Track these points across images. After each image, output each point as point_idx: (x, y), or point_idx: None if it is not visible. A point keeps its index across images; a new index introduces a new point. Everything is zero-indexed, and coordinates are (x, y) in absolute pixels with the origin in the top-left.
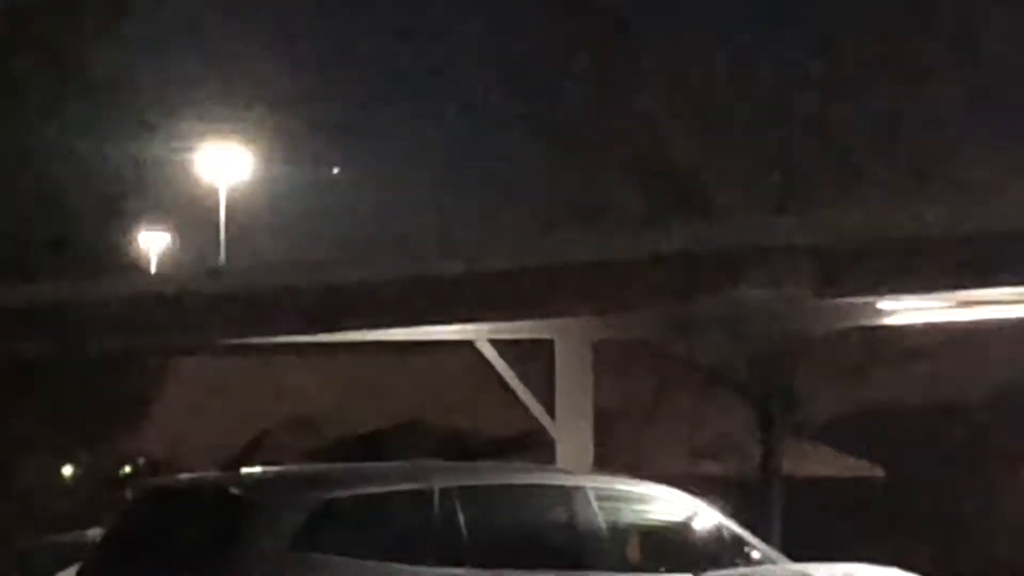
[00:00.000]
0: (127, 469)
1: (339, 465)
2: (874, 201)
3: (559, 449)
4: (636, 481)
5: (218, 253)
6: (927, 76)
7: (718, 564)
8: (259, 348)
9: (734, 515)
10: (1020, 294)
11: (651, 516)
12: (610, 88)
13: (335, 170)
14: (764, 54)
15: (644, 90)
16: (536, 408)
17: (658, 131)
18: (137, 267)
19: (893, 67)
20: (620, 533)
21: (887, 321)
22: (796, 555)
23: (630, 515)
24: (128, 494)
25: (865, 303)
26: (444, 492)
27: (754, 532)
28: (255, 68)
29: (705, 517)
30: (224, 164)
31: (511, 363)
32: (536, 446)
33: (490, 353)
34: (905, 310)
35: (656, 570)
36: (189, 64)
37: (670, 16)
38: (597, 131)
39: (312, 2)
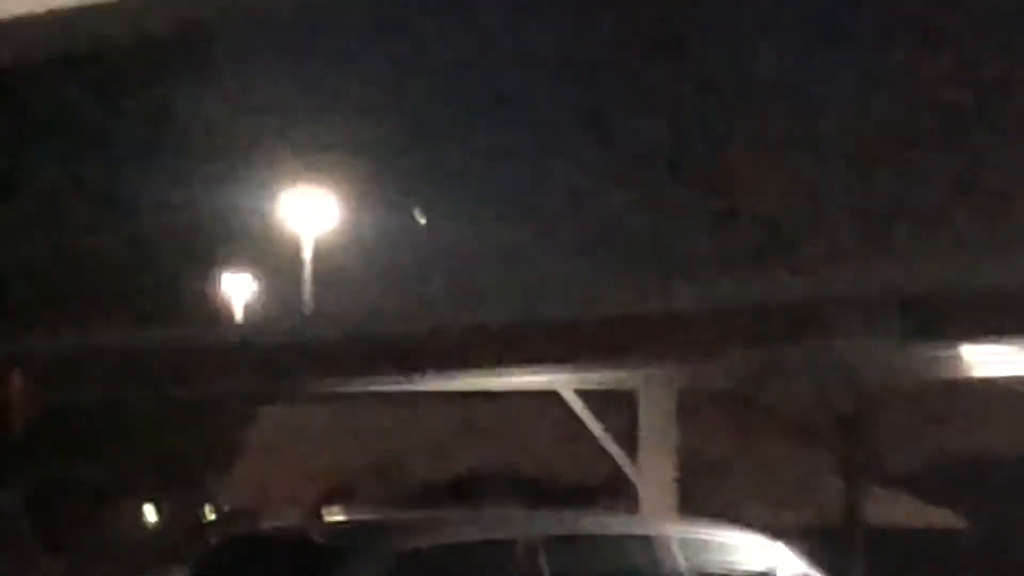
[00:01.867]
0: (210, 515)
1: (422, 514)
2: (958, 250)
3: (642, 498)
4: (720, 529)
5: (302, 300)
6: (1013, 124)
7: None
8: (343, 396)
9: (817, 564)
10: None
11: (735, 564)
12: (693, 137)
13: (421, 218)
14: (845, 102)
15: (727, 139)
16: (619, 457)
17: (742, 180)
18: (222, 314)
19: (976, 115)
20: None
21: (972, 371)
22: None
23: (714, 563)
24: (211, 541)
25: (949, 352)
26: (528, 541)
27: None
28: (342, 114)
29: (789, 565)
30: (309, 210)
31: (595, 412)
32: (619, 495)
33: (574, 402)
34: (989, 360)
35: None
36: (276, 110)
37: (751, 65)
38: (682, 180)
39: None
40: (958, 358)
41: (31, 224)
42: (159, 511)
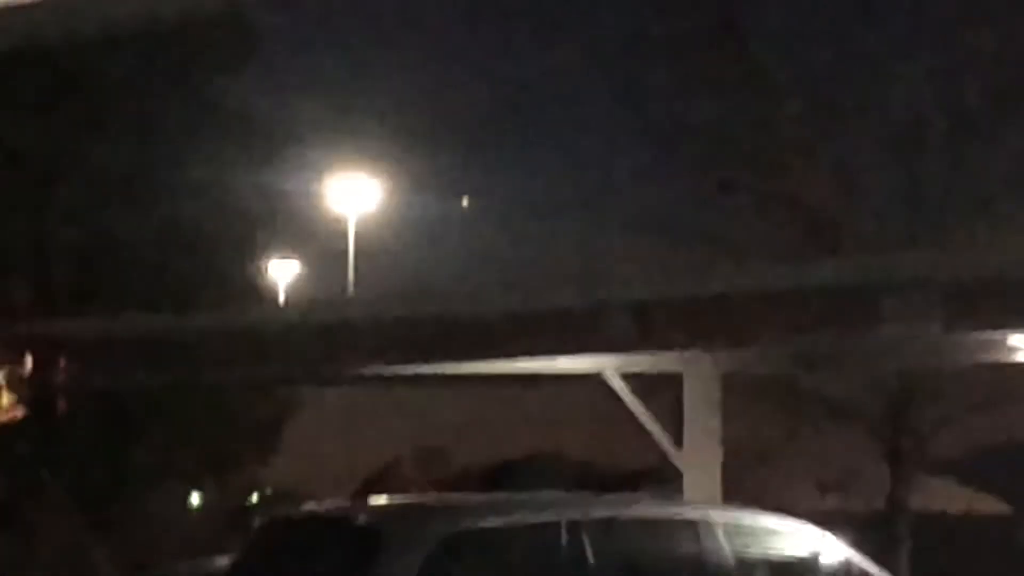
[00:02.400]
0: (255, 498)
1: (467, 496)
2: (1004, 236)
3: (686, 482)
4: (764, 514)
5: (346, 283)
6: None
7: None
8: (388, 378)
9: (862, 550)
10: None
11: (778, 550)
12: (741, 122)
13: (464, 200)
14: (893, 87)
15: (774, 125)
16: (664, 441)
17: (790, 165)
18: (266, 297)
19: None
20: (747, 566)
21: (1017, 357)
22: None
23: (757, 548)
24: (256, 523)
25: (995, 339)
26: (572, 524)
27: (881, 567)
28: (386, 98)
29: (833, 551)
30: (353, 194)
31: (639, 396)
32: (663, 479)
33: (618, 385)
34: None
35: None
36: (320, 95)
37: (802, 51)
38: (729, 165)
39: (444, 32)
40: (1003, 344)
41: (77, 209)
42: (204, 494)
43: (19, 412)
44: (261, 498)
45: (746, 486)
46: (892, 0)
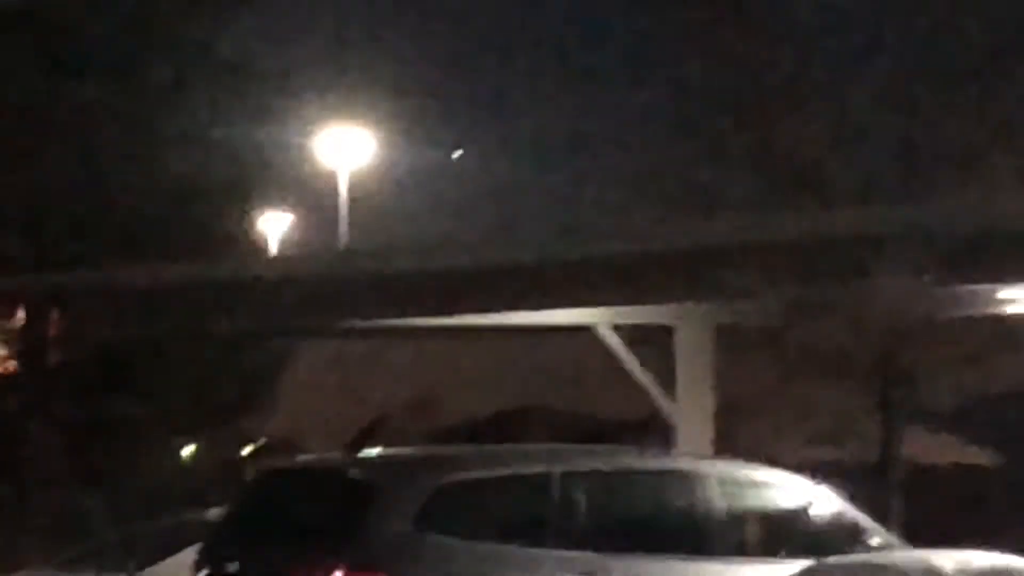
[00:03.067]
0: (248, 449)
1: (459, 447)
2: (995, 190)
3: (679, 434)
4: (756, 466)
5: (338, 235)
6: None
7: (838, 550)
8: (380, 331)
9: (854, 501)
10: None
11: (771, 501)
12: (730, 75)
13: (456, 153)
14: (885, 40)
15: (764, 77)
16: (656, 393)
17: (780, 117)
18: (258, 249)
19: (1014, 56)
20: (740, 518)
21: (1008, 309)
22: (916, 542)
23: (750, 500)
24: (249, 475)
25: (986, 291)
26: (564, 476)
27: (874, 518)
28: (377, 50)
29: (825, 503)
30: (345, 147)
31: (631, 348)
32: (656, 431)
33: (611, 338)
34: None
35: (776, 555)
36: (311, 47)
37: (790, 4)
38: (718, 117)
39: None
40: (994, 297)
41: (67, 162)
42: (197, 446)
43: (11, 364)
44: (254, 450)
45: (738, 438)
46: None
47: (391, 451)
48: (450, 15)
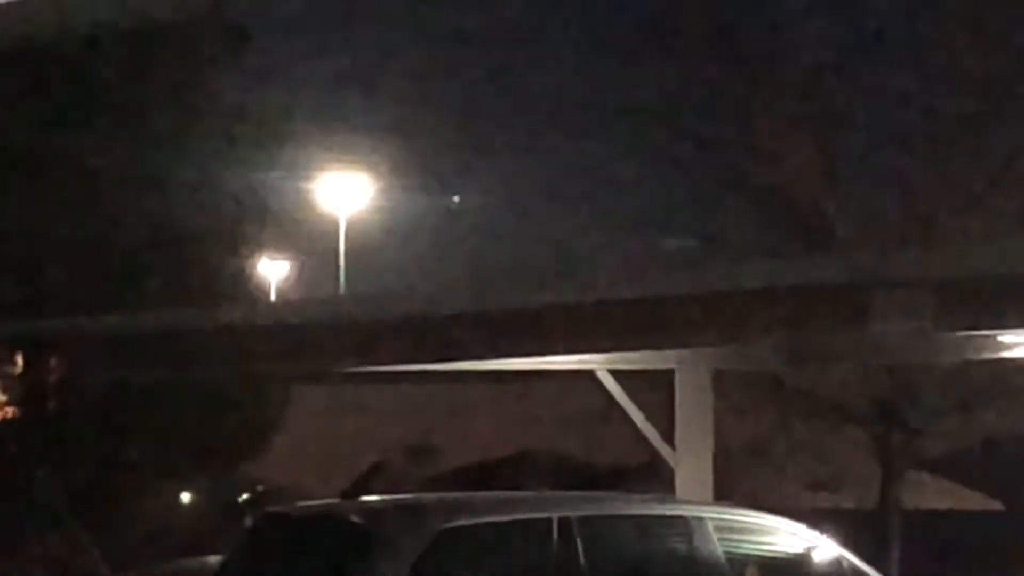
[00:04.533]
0: (246, 496)
1: (458, 494)
2: (995, 234)
3: (678, 479)
4: (755, 512)
5: (337, 281)
6: None
7: None
8: (379, 376)
9: (852, 548)
10: None
11: (770, 548)
12: (730, 120)
13: (455, 198)
14: (885, 84)
15: (764, 122)
16: (655, 438)
17: (779, 163)
18: (257, 295)
19: (1016, 97)
20: (739, 564)
21: (1008, 354)
22: None
23: (749, 546)
24: (247, 521)
25: (986, 336)
26: (563, 522)
27: (873, 565)
28: (376, 95)
29: (824, 549)
30: (344, 192)
31: (631, 393)
32: (655, 476)
33: (610, 382)
34: None
35: None
36: (310, 92)
37: (791, 49)
38: (718, 162)
39: (434, 30)
40: (993, 341)
41: (66, 207)
42: (195, 493)
43: (10, 411)
44: (252, 496)
45: (737, 483)
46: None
47: (391, 497)
48: (451, 62)
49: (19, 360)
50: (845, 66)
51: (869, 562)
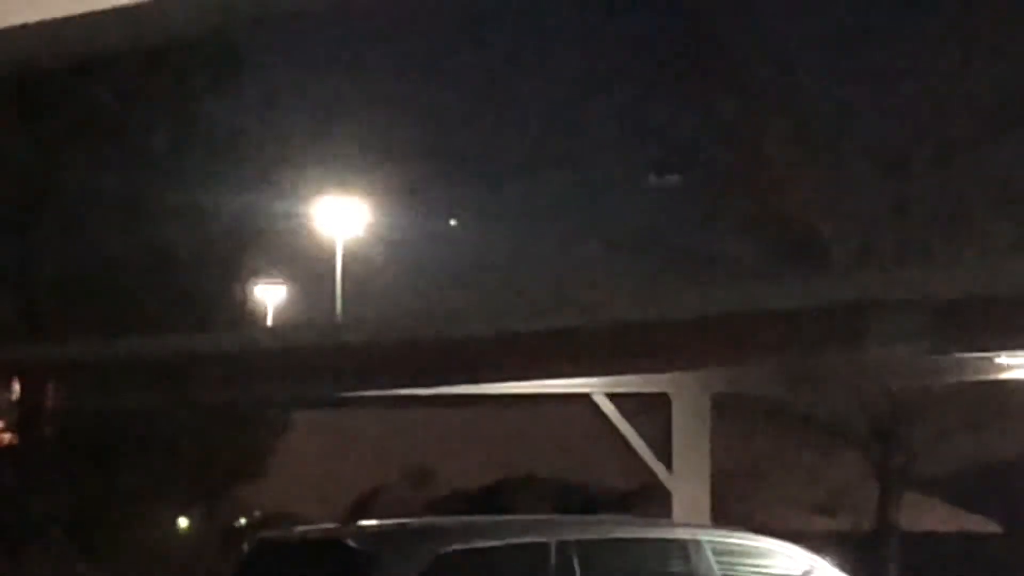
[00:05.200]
0: (244, 521)
1: (456, 518)
2: (992, 255)
3: (676, 502)
4: (753, 535)
5: (334, 306)
6: None
7: None
8: (377, 401)
9: (851, 570)
10: None
11: (767, 570)
12: (726, 142)
13: (452, 222)
14: (881, 105)
15: (760, 144)
16: (653, 461)
17: (775, 184)
18: (254, 320)
19: (1013, 121)
20: None
21: (1006, 376)
22: None
23: (747, 569)
24: (244, 546)
25: (983, 357)
26: (561, 545)
27: None
28: (372, 120)
29: (822, 572)
30: (341, 217)
31: (628, 416)
32: (653, 499)
33: (607, 406)
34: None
35: None
36: (306, 117)
37: (788, 70)
38: (714, 184)
39: (432, 54)
40: (991, 363)
41: (63, 232)
42: (193, 518)
43: (7, 437)
44: (250, 521)
45: (735, 506)
46: (879, 21)
47: (387, 521)
48: (447, 85)
49: (16, 386)
50: (843, 89)
51: None
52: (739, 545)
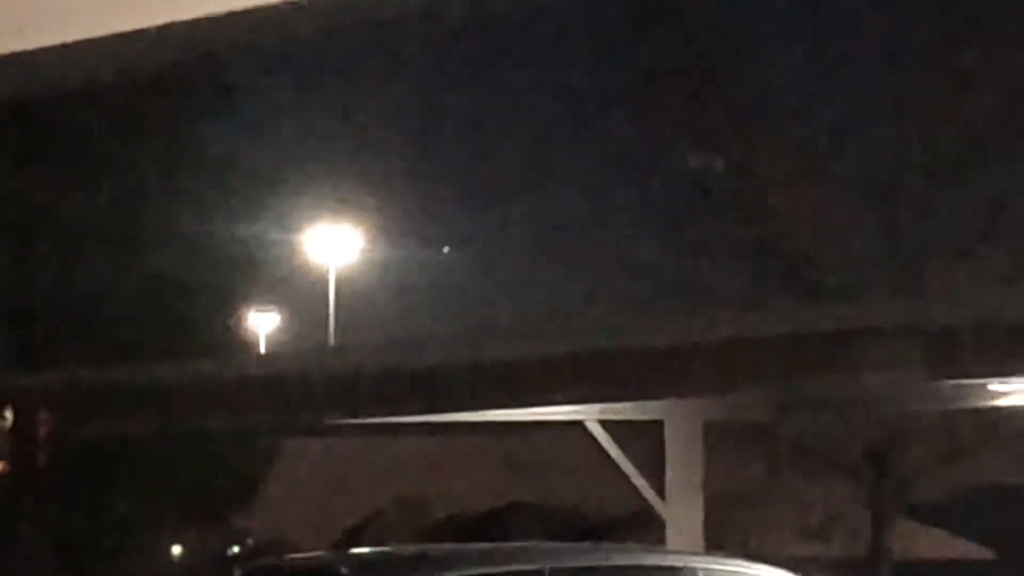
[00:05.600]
0: (236, 549)
1: (448, 545)
2: (983, 283)
3: (669, 530)
4: (746, 562)
5: (327, 333)
6: None
7: None
8: (368, 428)
9: None
10: None
11: None
12: (718, 168)
13: (445, 249)
14: (871, 134)
15: (754, 172)
16: (646, 489)
17: (769, 211)
18: (247, 348)
19: (1006, 150)
20: None
21: (998, 402)
22: None
23: None
24: (236, 574)
25: (976, 384)
26: (554, 573)
27: None
28: (365, 147)
29: None
30: (333, 244)
31: (621, 443)
32: (646, 527)
33: (600, 433)
34: (1016, 391)
35: None
36: (299, 144)
37: (782, 100)
38: (705, 211)
39: (423, 84)
40: (984, 389)
41: (55, 259)
42: (186, 546)
43: (0, 466)
44: (243, 549)
45: (728, 533)
46: (870, 48)
47: (379, 549)
48: (440, 113)
49: (8, 414)
50: (837, 115)
51: None
52: (733, 572)
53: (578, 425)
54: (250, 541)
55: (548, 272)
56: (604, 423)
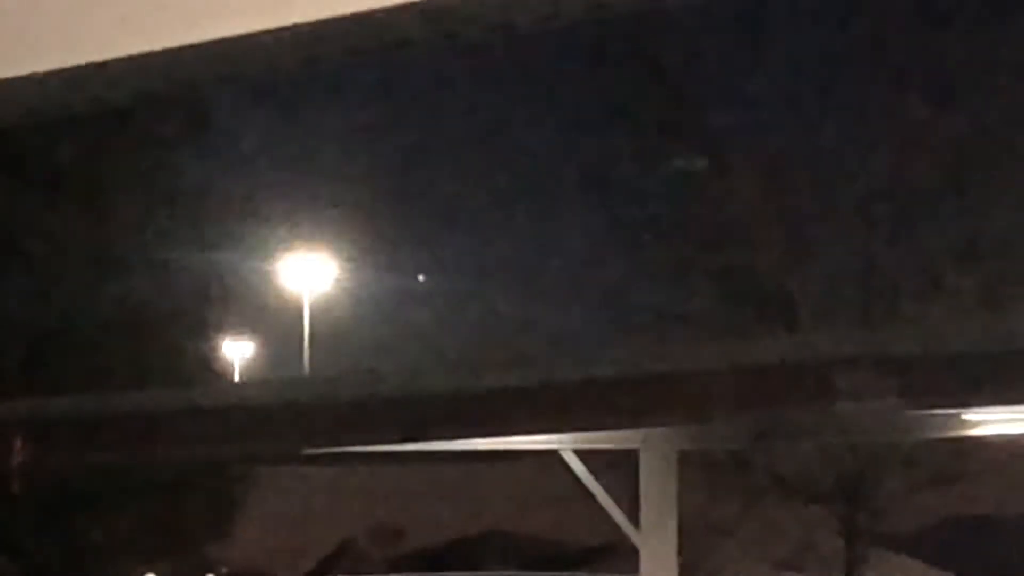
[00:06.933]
0: None
1: (424, 575)
2: (959, 311)
3: (643, 559)
4: None
5: (301, 362)
6: (1016, 188)
7: None
8: (343, 457)
9: None
10: None
11: None
12: (694, 196)
13: (420, 277)
14: (847, 162)
15: (728, 199)
16: (620, 518)
17: (742, 240)
18: (221, 377)
19: (979, 178)
20: None
21: (973, 432)
22: None
23: None
24: None
25: (951, 415)
26: None
27: None
28: (339, 175)
29: None
30: (308, 272)
31: (595, 472)
32: (620, 556)
33: (574, 462)
34: (991, 421)
35: None
36: (272, 172)
37: (755, 126)
38: (681, 240)
39: (398, 111)
40: (959, 419)
41: (27, 289)
42: (158, 574)
43: None
44: None
45: (703, 563)
46: (845, 76)
47: None
48: (416, 140)
49: None
50: (809, 142)
51: None
52: None
53: (553, 454)
54: (224, 570)
55: (525, 300)
56: (579, 452)
